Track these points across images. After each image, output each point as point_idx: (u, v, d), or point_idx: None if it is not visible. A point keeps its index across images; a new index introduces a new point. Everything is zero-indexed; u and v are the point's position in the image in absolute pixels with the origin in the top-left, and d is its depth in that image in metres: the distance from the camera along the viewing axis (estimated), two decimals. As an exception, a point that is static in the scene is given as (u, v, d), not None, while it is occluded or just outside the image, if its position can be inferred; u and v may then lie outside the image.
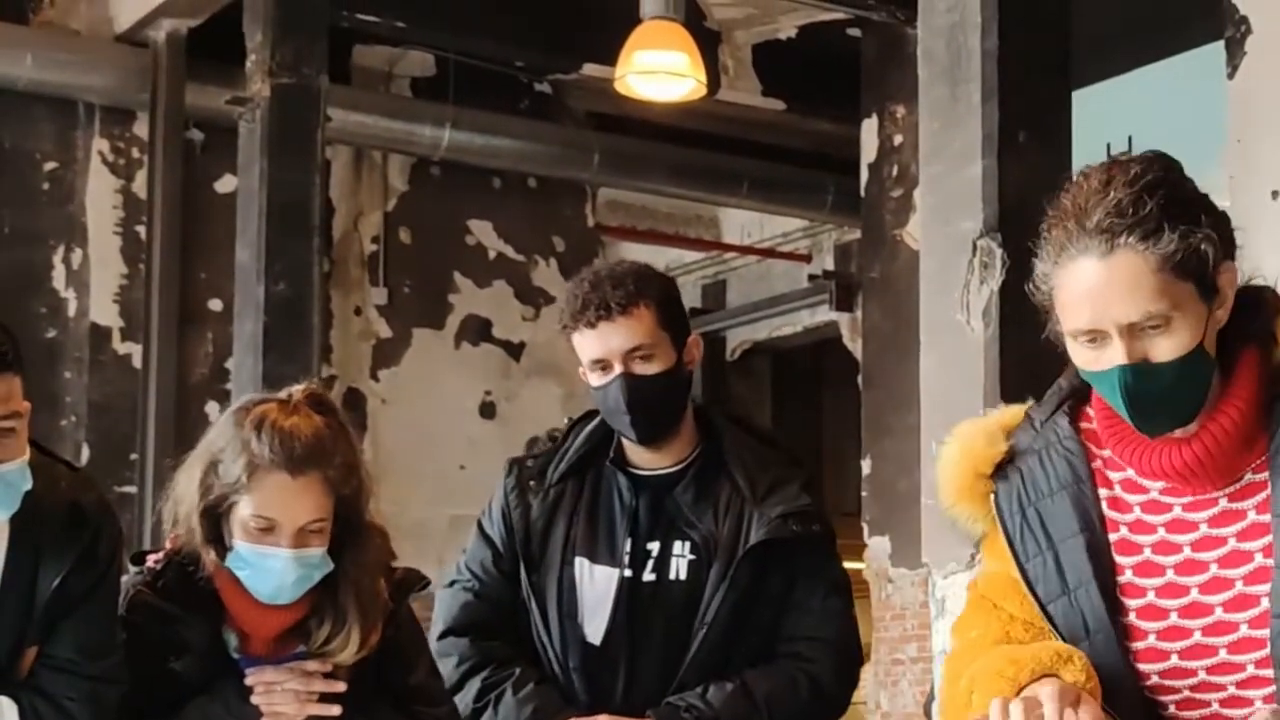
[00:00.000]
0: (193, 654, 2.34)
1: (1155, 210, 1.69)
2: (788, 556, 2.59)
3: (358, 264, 8.56)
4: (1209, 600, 1.76)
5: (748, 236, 9.91)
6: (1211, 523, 1.77)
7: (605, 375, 2.58)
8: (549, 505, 2.66)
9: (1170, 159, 1.77)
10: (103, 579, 2.30)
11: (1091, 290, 1.69)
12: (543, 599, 2.61)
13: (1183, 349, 1.70)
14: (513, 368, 8.88)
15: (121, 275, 7.77)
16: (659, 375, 2.58)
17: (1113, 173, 1.74)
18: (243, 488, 2.28)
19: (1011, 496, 1.84)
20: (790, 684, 2.58)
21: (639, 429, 2.59)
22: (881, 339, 7.45)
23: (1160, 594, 1.78)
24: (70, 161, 7.71)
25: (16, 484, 2.17)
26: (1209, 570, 1.77)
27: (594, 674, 2.58)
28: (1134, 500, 1.81)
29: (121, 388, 7.58)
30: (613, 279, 2.60)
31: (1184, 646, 1.77)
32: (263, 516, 2.27)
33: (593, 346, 2.57)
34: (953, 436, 1.91)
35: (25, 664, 2.26)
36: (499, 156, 8.42)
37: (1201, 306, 1.71)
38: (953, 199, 6.08)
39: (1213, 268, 1.71)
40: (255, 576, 2.29)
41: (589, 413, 2.75)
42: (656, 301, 2.60)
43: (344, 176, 8.47)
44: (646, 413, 2.58)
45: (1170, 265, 1.68)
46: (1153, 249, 1.68)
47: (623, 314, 2.57)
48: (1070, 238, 1.72)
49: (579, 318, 2.57)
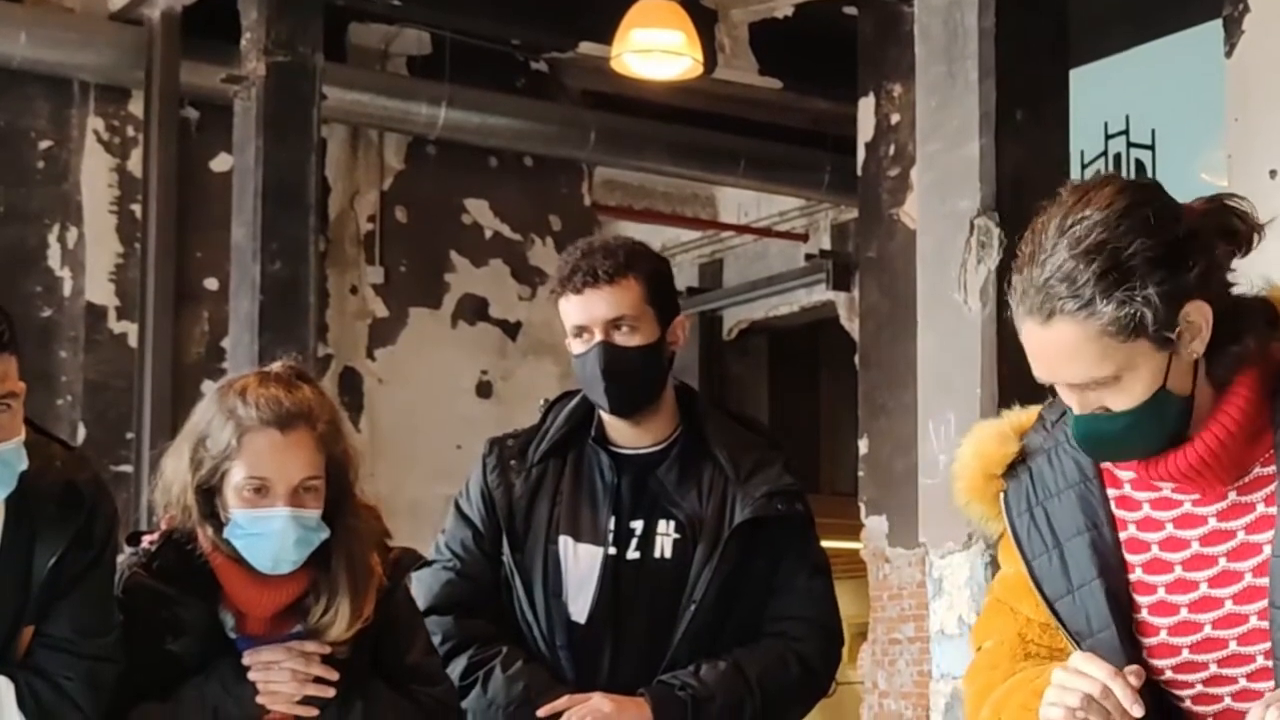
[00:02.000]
0: (190, 635, 2.34)
1: (1091, 279, 1.67)
2: (771, 537, 2.61)
3: (354, 243, 8.54)
4: (1218, 594, 1.77)
5: (744, 215, 9.90)
6: (1220, 516, 1.78)
7: (585, 343, 2.59)
8: (531, 484, 2.66)
9: (1144, 190, 1.73)
10: (98, 559, 2.30)
11: (1037, 352, 1.72)
12: (527, 577, 2.62)
13: (1136, 400, 1.71)
14: (509, 347, 8.87)
15: (117, 254, 7.76)
16: (639, 348, 2.59)
17: (1071, 215, 1.71)
18: (233, 452, 2.28)
19: (1020, 496, 1.85)
20: (781, 663, 2.59)
21: (611, 398, 2.59)
22: (879, 318, 7.45)
23: (1170, 590, 1.79)
24: (65, 140, 7.69)
25: (13, 464, 2.17)
26: (1218, 564, 1.77)
27: (579, 652, 2.59)
28: (1143, 497, 1.82)
29: (117, 367, 7.57)
30: (604, 249, 2.62)
31: (1195, 640, 1.78)
32: (256, 477, 2.28)
33: (576, 312, 2.59)
34: (967, 437, 1.94)
35: (22, 644, 2.25)
36: (495, 135, 8.40)
37: (1158, 356, 1.70)
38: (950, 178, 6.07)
39: (1165, 320, 1.68)
40: (254, 543, 2.28)
41: (567, 393, 2.76)
42: (645, 276, 2.61)
43: (340, 155, 8.45)
44: (621, 383, 2.58)
45: (1110, 332, 1.68)
46: (1088, 319, 1.68)
47: (609, 283, 2.58)
48: (1022, 291, 1.72)
49: (566, 283, 2.59)
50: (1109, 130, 6.27)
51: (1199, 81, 5.76)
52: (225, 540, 2.33)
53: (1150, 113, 6.12)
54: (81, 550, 2.26)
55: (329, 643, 2.35)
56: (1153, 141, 6.15)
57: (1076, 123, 6.33)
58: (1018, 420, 1.92)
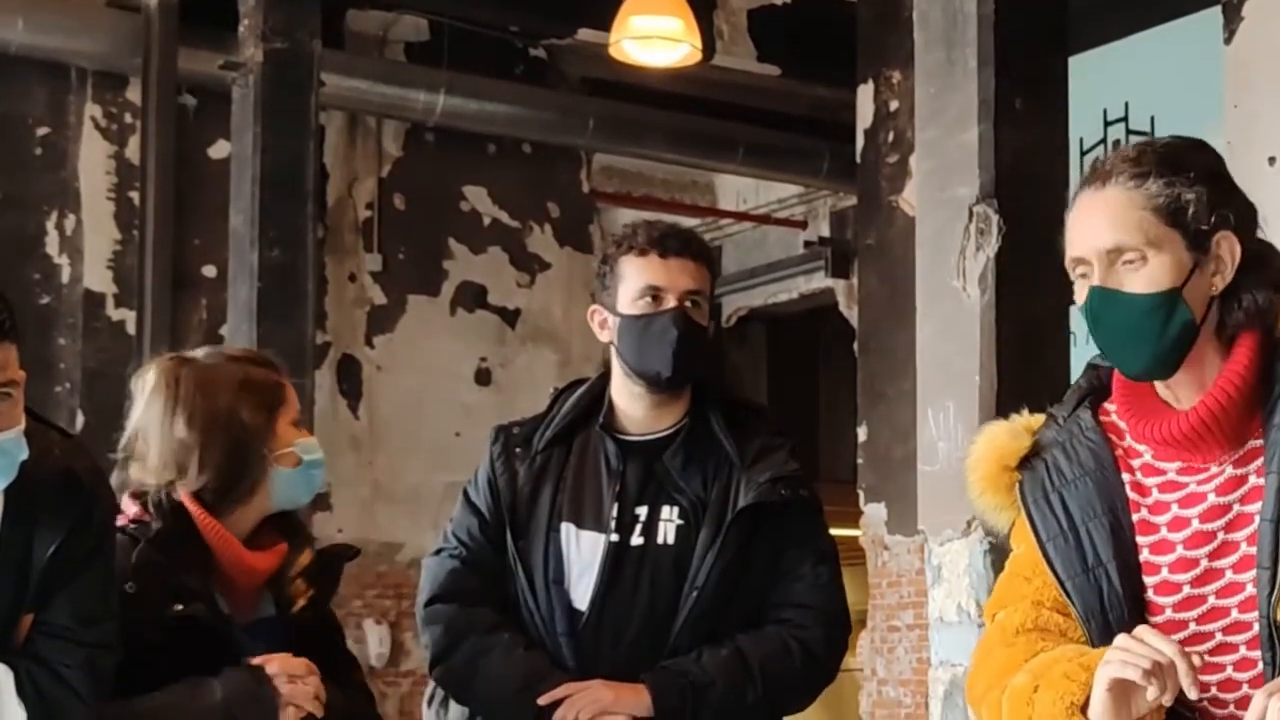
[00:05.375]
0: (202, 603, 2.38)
1: (1151, 159, 1.84)
2: (776, 524, 2.60)
3: (352, 230, 8.54)
4: (1218, 565, 1.84)
5: (743, 203, 9.90)
6: (1218, 491, 1.85)
7: (655, 305, 2.58)
8: (535, 471, 2.66)
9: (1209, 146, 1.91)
10: (98, 546, 2.30)
11: (1081, 218, 1.87)
12: (529, 565, 2.61)
13: (1154, 286, 1.81)
14: (508, 334, 8.87)
15: (115, 241, 7.75)
16: (705, 327, 2.64)
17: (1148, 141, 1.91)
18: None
19: (1036, 484, 1.93)
20: (783, 650, 2.58)
21: (676, 364, 2.59)
22: (877, 305, 7.45)
23: (1173, 569, 1.85)
24: (63, 127, 7.68)
25: (13, 453, 2.16)
26: (1216, 538, 1.84)
27: (581, 639, 2.59)
28: (1151, 483, 1.89)
29: (115, 354, 7.57)
30: (680, 230, 2.70)
31: (1200, 612, 1.84)
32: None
33: (658, 274, 2.59)
34: (979, 435, 2.03)
35: (21, 632, 2.25)
36: (493, 122, 8.39)
37: (1185, 256, 1.82)
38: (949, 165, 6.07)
39: (1203, 226, 1.82)
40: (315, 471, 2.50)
41: (576, 381, 2.76)
42: (709, 267, 2.69)
43: (338, 142, 8.44)
44: (687, 353, 2.60)
45: (1152, 207, 1.82)
46: (1137, 189, 1.83)
47: (692, 259, 2.63)
48: (1082, 181, 1.90)
49: (655, 244, 2.60)
50: (1108, 117, 6.26)
51: (1198, 68, 5.76)
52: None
53: (1149, 100, 6.11)
54: (81, 538, 2.25)
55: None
56: (1152, 128, 6.14)
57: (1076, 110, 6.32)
58: (1027, 420, 2.00)
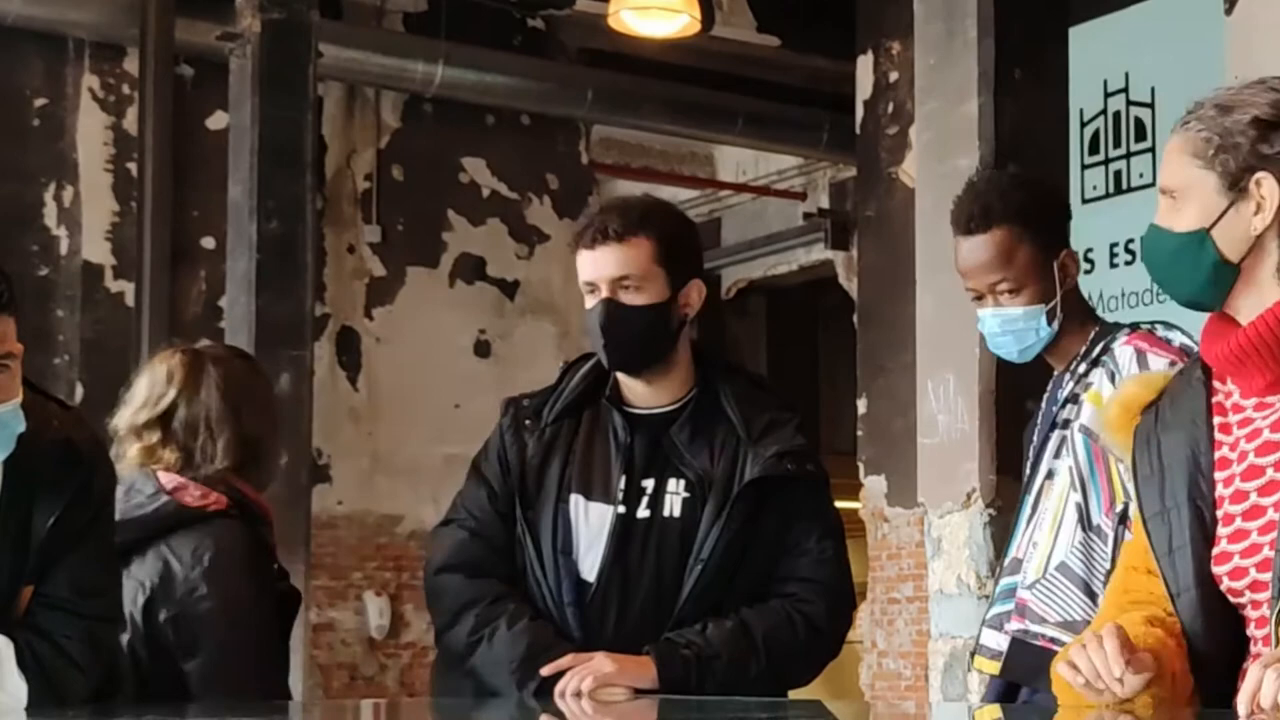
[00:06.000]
0: None
1: (1210, 108, 1.93)
2: (782, 498, 2.60)
3: (350, 202, 8.52)
4: (1264, 502, 1.89)
5: (742, 174, 9.88)
6: (1272, 427, 1.90)
7: (593, 298, 2.59)
8: (545, 443, 2.66)
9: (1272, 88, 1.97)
10: (97, 517, 2.30)
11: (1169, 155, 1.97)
12: (537, 535, 2.62)
13: (1184, 227, 1.92)
14: (507, 306, 8.86)
15: (113, 212, 7.74)
16: (643, 308, 2.59)
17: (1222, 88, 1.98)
18: None
19: (1147, 427, 2.02)
20: (787, 623, 2.59)
21: (610, 355, 2.61)
22: (877, 277, 7.44)
23: (1232, 500, 1.92)
24: (60, 98, 7.66)
25: (11, 426, 2.16)
26: (1265, 474, 1.89)
27: (587, 610, 2.59)
28: (1234, 420, 1.96)
29: (114, 326, 7.56)
30: (621, 206, 2.65)
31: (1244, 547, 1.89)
32: None
33: (585, 268, 2.61)
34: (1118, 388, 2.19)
35: (21, 604, 2.26)
36: (492, 93, 8.37)
37: (1218, 199, 1.90)
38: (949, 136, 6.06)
39: (1240, 167, 1.89)
40: None
41: (585, 355, 2.76)
42: (658, 236, 2.61)
43: (336, 113, 8.42)
44: (620, 341, 2.59)
45: (1191, 150, 1.92)
46: (1183, 133, 1.94)
47: (618, 241, 2.58)
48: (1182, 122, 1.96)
49: (580, 238, 2.62)
50: (1108, 88, 6.24)
51: (1199, 39, 5.73)
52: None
53: (1150, 70, 6.09)
54: (80, 509, 2.25)
55: None
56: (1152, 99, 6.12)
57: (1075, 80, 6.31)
58: (1165, 373, 2.12)
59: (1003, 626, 2.56)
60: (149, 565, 2.57)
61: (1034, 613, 2.51)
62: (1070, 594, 2.50)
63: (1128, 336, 2.58)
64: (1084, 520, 2.51)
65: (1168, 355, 2.50)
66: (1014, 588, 2.56)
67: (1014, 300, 2.62)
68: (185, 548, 2.56)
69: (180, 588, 2.55)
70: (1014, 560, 2.58)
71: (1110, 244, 6.17)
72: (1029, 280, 2.62)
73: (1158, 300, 5.99)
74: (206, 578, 2.54)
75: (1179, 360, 2.43)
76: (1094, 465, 2.52)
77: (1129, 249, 6.09)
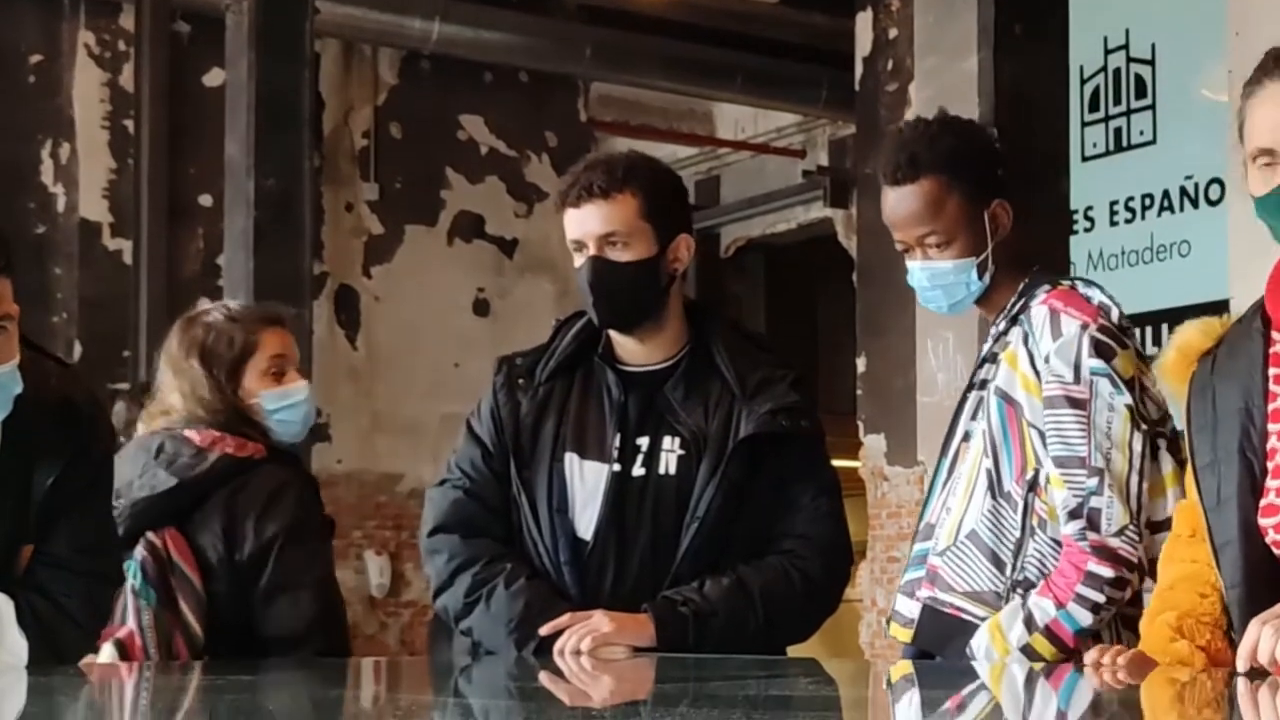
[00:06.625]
0: None
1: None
2: (778, 455, 2.60)
3: (348, 159, 8.50)
4: None
5: (741, 131, 9.84)
6: None
7: (580, 256, 2.59)
8: (539, 402, 2.66)
9: None
10: (96, 476, 2.30)
11: (1271, 112, 1.92)
12: (533, 494, 2.62)
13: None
14: (505, 264, 8.85)
15: (110, 170, 7.72)
16: (629, 264, 2.58)
17: None
18: (252, 347, 2.80)
19: (1203, 375, 2.02)
20: (785, 579, 2.59)
21: (599, 313, 2.60)
22: (877, 235, 7.42)
23: (1270, 455, 1.92)
24: (56, 55, 7.63)
25: (8, 387, 2.16)
26: None
27: (584, 568, 2.59)
28: None
29: (113, 284, 7.56)
30: (606, 163, 2.62)
31: None
32: (278, 356, 2.83)
33: (572, 227, 2.60)
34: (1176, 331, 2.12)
35: (21, 563, 2.26)
36: (490, 50, 8.33)
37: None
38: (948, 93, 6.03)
39: None
40: (287, 415, 2.82)
41: (577, 313, 2.75)
42: (643, 191, 2.60)
43: (333, 70, 8.38)
44: (609, 299, 2.58)
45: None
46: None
47: (603, 198, 2.57)
48: (1267, 72, 1.94)
49: (565, 196, 2.61)
50: (1108, 45, 6.21)
51: (1201, -5, 5.71)
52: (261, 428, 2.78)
53: (1150, 27, 6.06)
54: (80, 468, 2.25)
55: None
56: (1153, 56, 6.10)
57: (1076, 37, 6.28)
58: (1223, 320, 2.08)
59: (914, 594, 2.46)
60: (218, 515, 2.74)
61: (943, 580, 2.42)
62: (978, 563, 2.40)
63: (1045, 295, 2.44)
64: (994, 487, 2.41)
65: (1081, 316, 2.38)
66: (926, 554, 2.46)
67: (943, 253, 2.50)
68: (249, 493, 2.75)
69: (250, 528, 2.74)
70: (927, 525, 2.48)
71: (1110, 201, 6.16)
72: (959, 232, 2.49)
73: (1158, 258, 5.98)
74: (273, 515, 2.75)
75: (1092, 320, 2.36)
76: (1007, 429, 2.41)
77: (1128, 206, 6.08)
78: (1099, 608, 2.29)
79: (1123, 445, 2.32)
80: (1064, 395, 2.35)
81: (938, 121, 2.60)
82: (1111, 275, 5.99)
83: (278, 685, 2.27)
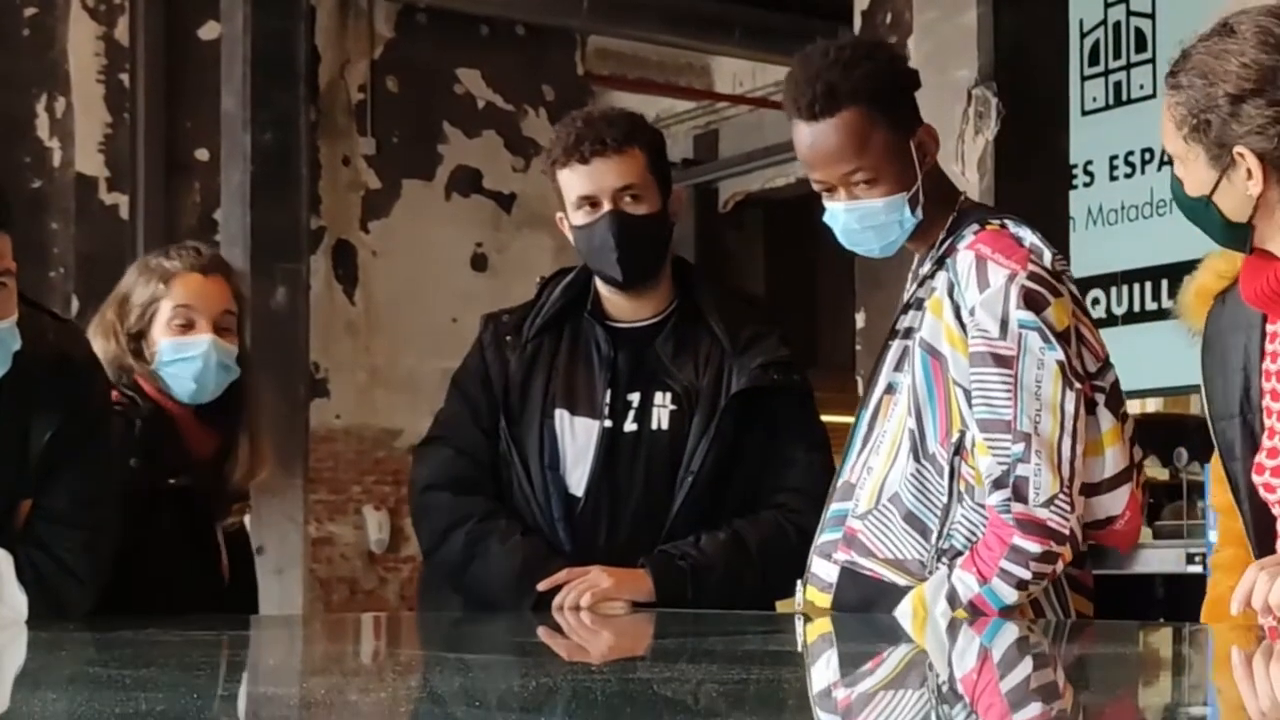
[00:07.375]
0: None
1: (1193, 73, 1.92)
2: (769, 409, 2.61)
3: (345, 113, 8.46)
4: None
5: (739, 85, 9.80)
6: None
7: (593, 213, 2.57)
8: (527, 359, 2.66)
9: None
10: (94, 429, 2.30)
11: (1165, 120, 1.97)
12: (524, 451, 2.62)
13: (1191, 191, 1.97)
14: (503, 219, 8.83)
15: (106, 124, 7.68)
16: (647, 217, 2.59)
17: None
18: (161, 295, 2.64)
19: (1218, 317, 2.05)
20: (779, 533, 2.60)
21: (624, 267, 2.59)
22: (874, 189, 7.40)
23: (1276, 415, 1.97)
24: (50, 7, 7.58)
25: (7, 343, 2.16)
26: None
27: (577, 524, 2.60)
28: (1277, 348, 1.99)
29: (110, 239, 7.53)
30: (607, 118, 2.62)
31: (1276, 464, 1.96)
32: (184, 306, 2.64)
33: (583, 183, 2.57)
34: (1201, 264, 2.13)
35: (20, 517, 2.26)
36: (486, 3, 8.29)
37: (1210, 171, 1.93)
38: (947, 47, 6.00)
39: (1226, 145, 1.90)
40: (181, 369, 2.62)
41: (563, 269, 2.75)
42: (647, 146, 2.61)
43: (329, 24, 8.33)
44: (633, 251, 2.58)
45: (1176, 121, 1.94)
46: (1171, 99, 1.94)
47: (617, 152, 2.57)
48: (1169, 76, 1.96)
49: (572, 152, 2.57)
50: None
51: (1203, -52, 5.67)
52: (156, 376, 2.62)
53: (1152, -20, 6.03)
54: (78, 422, 2.26)
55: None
56: (1153, 9, 6.07)
57: (1077, -10, 6.24)
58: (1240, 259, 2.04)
59: (832, 555, 2.28)
60: None
61: (862, 545, 2.24)
62: (900, 530, 2.22)
63: (973, 238, 2.22)
64: (918, 448, 2.21)
65: (1010, 264, 2.17)
66: (845, 515, 2.27)
67: (871, 191, 2.25)
68: None
69: None
70: (846, 484, 2.29)
71: (1110, 156, 6.14)
72: (887, 167, 2.23)
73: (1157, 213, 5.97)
74: None
75: (1022, 267, 2.16)
76: (932, 386, 2.22)
77: (1129, 161, 6.06)
78: (1024, 584, 2.12)
79: (1053, 406, 2.13)
80: (989, 352, 2.15)
81: (849, 46, 2.32)
82: (1111, 230, 5.98)
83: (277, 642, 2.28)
